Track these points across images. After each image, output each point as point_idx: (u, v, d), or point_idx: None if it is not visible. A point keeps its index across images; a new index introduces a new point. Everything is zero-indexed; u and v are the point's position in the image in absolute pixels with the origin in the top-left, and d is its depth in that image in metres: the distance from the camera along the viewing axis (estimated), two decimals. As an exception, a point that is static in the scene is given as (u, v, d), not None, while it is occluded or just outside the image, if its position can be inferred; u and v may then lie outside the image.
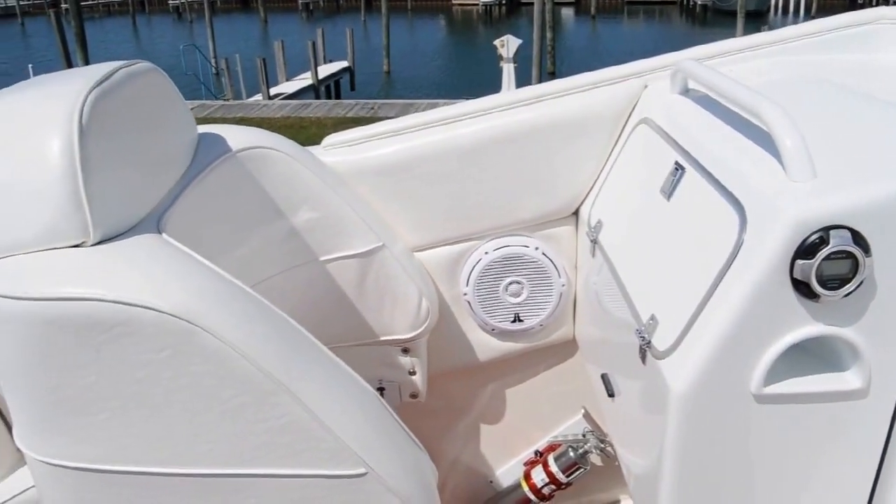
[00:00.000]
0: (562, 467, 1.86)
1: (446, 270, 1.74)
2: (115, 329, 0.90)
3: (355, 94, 21.91)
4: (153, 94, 1.19)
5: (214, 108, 14.95)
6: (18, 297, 0.90)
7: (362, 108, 14.70)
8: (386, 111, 14.24)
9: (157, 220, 1.08)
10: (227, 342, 0.92)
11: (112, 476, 0.99)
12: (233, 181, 1.38)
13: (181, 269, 0.96)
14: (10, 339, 0.93)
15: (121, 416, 0.96)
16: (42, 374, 0.94)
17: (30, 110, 0.98)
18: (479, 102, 1.64)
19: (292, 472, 1.00)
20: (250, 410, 0.96)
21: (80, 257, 0.94)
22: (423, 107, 14.41)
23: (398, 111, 14.13)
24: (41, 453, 1.00)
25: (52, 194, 0.93)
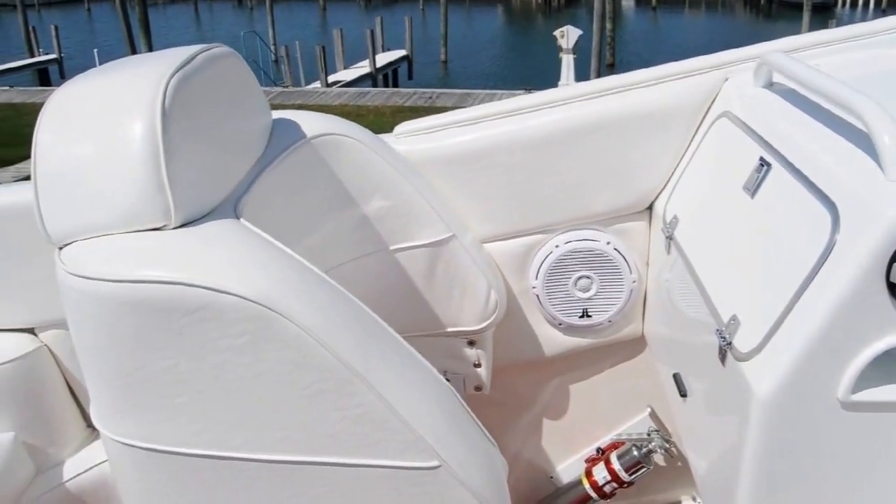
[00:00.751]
0: (625, 466, 1.83)
1: (515, 263, 1.71)
2: (197, 313, 0.90)
3: (412, 83, 21.95)
4: (231, 79, 1.18)
5: (274, 94, 15.11)
6: (100, 278, 0.90)
7: (420, 97, 14.72)
8: (444, 100, 14.23)
9: (234, 205, 1.07)
10: (306, 329, 0.92)
11: (187, 459, 0.99)
12: (307, 168, 1.37)
13: (261, 255, 0.95)
14: (91, 320, 0.94)
15: (198, 400, 0.96)
16: (122, 355, 0.94)
17: (114, 93, 0.99)
18: (553, 93, 1.61)
19: (366, 462, 0.99)
20: (327, 399, 0.95)
21: (162, 241, 0.94)
22: (480, 97, 14.38)
23: (456, 101, 14.11)
24: (117, 433, 1.01)
25: (134, 177, 0.93)
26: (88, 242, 0.95)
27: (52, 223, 0.98)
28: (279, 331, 0.91)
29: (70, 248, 0.96)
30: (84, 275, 0.91)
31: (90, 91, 1.01)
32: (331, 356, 0.93)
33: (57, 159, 0.97)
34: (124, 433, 1.00)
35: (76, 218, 0.96)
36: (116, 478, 1.10)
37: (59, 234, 0.98)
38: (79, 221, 0.96)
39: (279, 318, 0.91)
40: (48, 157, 0.98)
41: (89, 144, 0.96)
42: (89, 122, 0.97)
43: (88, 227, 0.96)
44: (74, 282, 0.92)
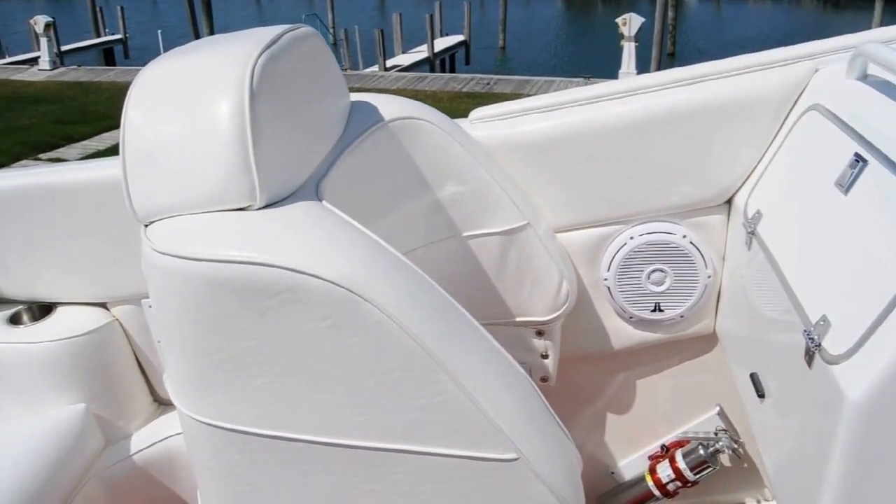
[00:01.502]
0: (690, 464, 1.79)
1: (587, 253, 1.68)
2: (281, 295, 0.90)
3: (470, 69, 21.87)
4: (314, 60, 1.18)
5: (332, 77, 15.14)
6: (185, 256, 0.90)
7: (478, 83, 14.66)
8: (502, 87, 14.16)
9: (315, 187, 1.07)
10: (389, 315, 0.91)
11: (264, 440, 0.99)
12: (384, 151, 1.36)
13: (346, 238, 0.95)
14: (174, 298, 0.94)
15: (278, 382, 0.95)
16: (203, 334, 0.94)
17: (202, 72, 0.98)
18: (633, 81, 1.57)
19: (443, 451, 0.98)
20: (407, 386, 0.94)
21: (247, 221, 0.94)
22: (539, 84, 14.26)
23: (514, 87, 14.03)
24: (195, 411, 1.01)
25: (221, 157, 0.93)
26: (174, 221, 0.96)
27: (139, 200, 0.99)
28: (363, 316, 0.91)
29: (156, 225, 0.97)
30: (170, 253, 0.92)
31: (178, 69, 1.01)
32: (414, 343, 0.92)
33: (145, 137, 0.98)
34: (202, 411, 1.01)
35: (163, 196, 0.97)
36: (191, 454, 1.11)
37: (146, 212, 0.99)
38: (165, 200, 0.97)
39: (363, 303, 0.90)
40: (136, 135, 0.98)
41: (177, 123, 0.96)
42: (177, 101, 0.97)
43: (175, 205, 0.96)
44: (160, 259, 0.93)
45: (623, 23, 13.59)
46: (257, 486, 1.03)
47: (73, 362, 1.79)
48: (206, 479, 1.09)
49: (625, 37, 13.74)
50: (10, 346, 1.77)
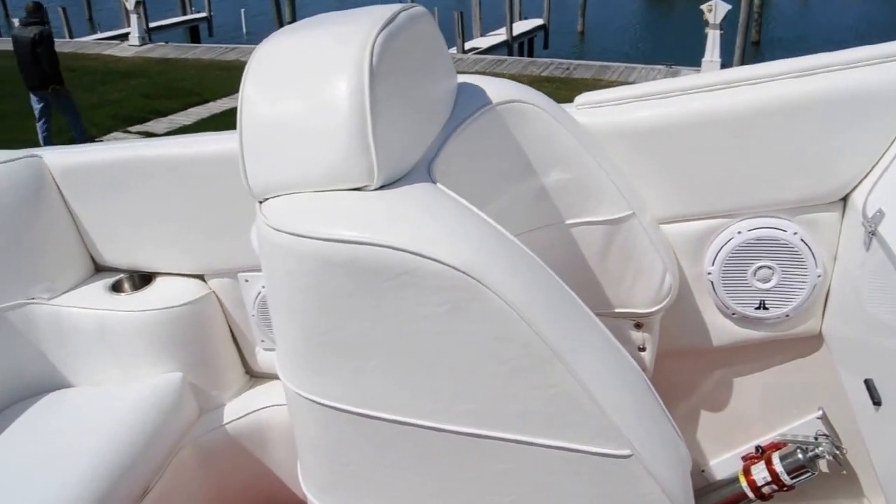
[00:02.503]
0: (787, 468, 1.74)
1: (690, 246, 1.64)
2: (400, 278, 0.89)
3: (548, 53, 21.66)
4: (427, 39, 1.17)
5: (411, 58, 15.18)
6: (302, 234, 0.90)
7: (557, 67, 14.51)
8: (581, 72, 13.99)
9: (427, 169, 1.06)
10: (509, 303, 0.89)
11: (371, 422, 0.99)
12: (491, 134, 1.34)
13: (466, 222, 0.93)
14: (288, 276, 0.94)
15: (389, 365, 0.95)
16: (317, 313, 0.94)
17: (320, 50, 0.98)
18: (749, 70, 1.52)
19: (554, 443, 0.96)
20: (522, 376, 0.92)
21: (365, 201, 0.93)
22: (619, 70, 14.05)
23: (594, 73, 13.85)
24: (303, 389, 1.01)
25: (340, 136, 0.92)
26: (290, 198, 0.96)
27: (255, 177, 0.99)
28: (482, 302, 0.89)
29: (271, 202, 0.97)
30: (286, 230, 0.91)
31: (296, 47, 1.01)
32: (532, 333, 0.90)
33: (262, 114, 0.97)
34: (309, 389, 1.01)
35: (279, 173, 0.96)
36: (295, 428, 1.11)
37: (261, 188, 0.98)
38: (281, 177, 0.96)
39: (483, 290, 0.88)
40: (254, 112, 0.98)
41: (295, 101, 0.96)
42: (295, 79, 0.97)
43: (291, 183, 0.96)
44: (275, 236, 0.93)
45: (708, 9, 13.26)
46: (360, 465, 1.03)
47: (171, 332, 1.83)
48: (308, 453, 1.10)
49: (710, 24, 13.41)
50: (111, 313, 1.81)
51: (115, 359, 1.85)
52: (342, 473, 1.05)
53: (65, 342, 1.85)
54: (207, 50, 16.68)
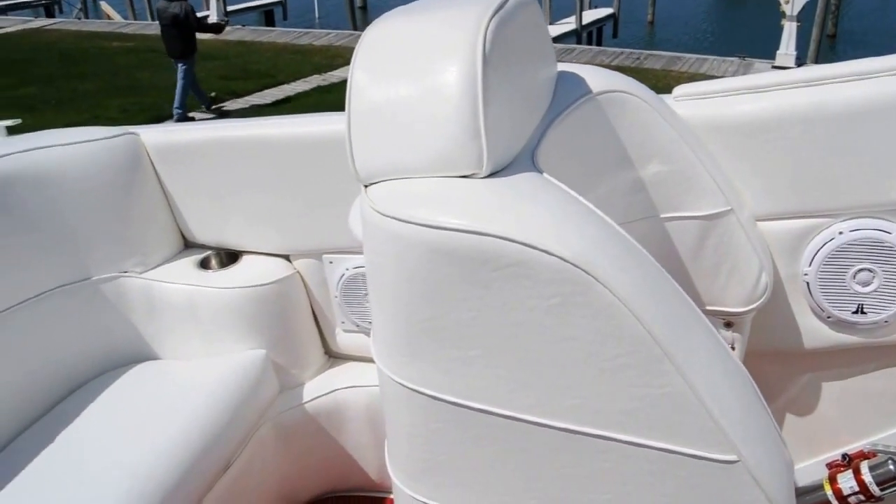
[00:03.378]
0: (877, 479, 1.68)
1: (787, 246, 1.60)
2: (509, 269, 0.87)
3: (617, 42, 21.35)
4: (534, 26, 1.15)
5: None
6: (409, 221, 0.89)
7: (627, 57, 14.31)
8: (651, 62, 13.78)
9: (531, 158, 1.04)
10: (621, 299, 0.86)
11: (468, 412, 0.98)
12: (591, 124, 1.33)
13: (577, 214, 0.91)
14: (392, 261, 0.93)
15: (491, 356, 0.93)
16: (420, 301, 0.93)
17: (431, 34, 0.97)
18: (857, 64, 1.47)
19: (658, 444, 0.93)
20: (630, 374, 0.90)
21: (475, 189, 0.91)
22: (691, 61, 13.80)
23: (664, 64, 13.63)
24: (399, 375, 1.01)
25: (451, 122, 0.91)
26: (397, 183, 0.95)
27: (362, 161, 0.98)
28: (593, 297, 0.87)
29: (378, 187, 0.96)
30: (393, 216, 0.91)
31: (405, 30, 1.00)
32: (642, 330, 0.87)
33: (371, 99, 0.97)
34: (407, 376, 1.00)
35: (387, 158, 0.96)
36: (387, 413, 1.12)
37: (368, 172, 0.98)
38: (389, 162, 0.96)
39: (595, 284, 0.86)
40: (362, 96, 0.98)
41: (405, 86, 0.95)
42: (405, 63, 0.96)
43: (399, 168, 0.95)
44: (381, 221, 0.92)
45: (786, 1, 12.92)
46: (454, 455, 1.03)
47: (256, 309, 1.87)
48: (399, 439, 1.10)
49: (786, 16, 13.07)
50: (199, 289, 1.86)
51: (201, 333, 1.90)
52: (433, 462, 1.05)
53: (154, 315, 1.91)
54: (282, 34, 16.88)
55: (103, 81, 12.56)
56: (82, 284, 1.86)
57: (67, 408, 1.78)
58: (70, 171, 1.79)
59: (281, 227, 1.88)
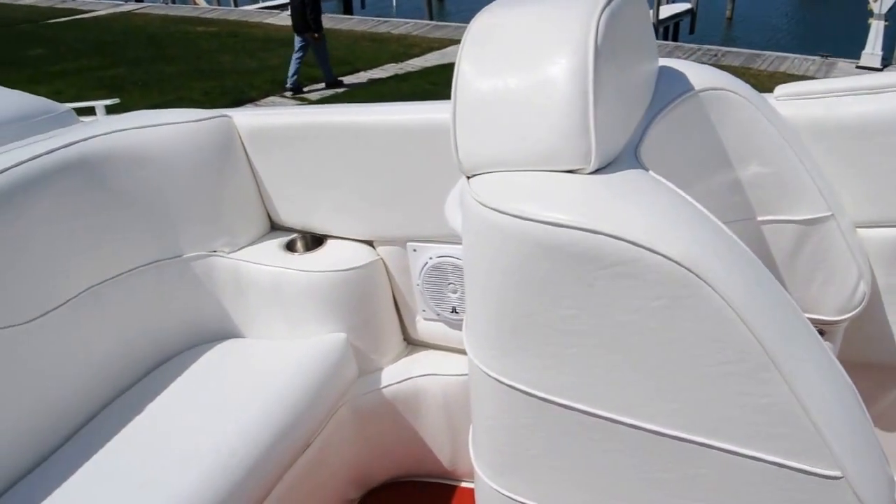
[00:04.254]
0: None
1: (887, 254, 1.53)
2: (615, 267, 0.85)
3: (693, 38, 20.94)
4: (641, 20, 1.14)
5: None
6: (513, 214, 0.89)
7: (704, 53, 14.02)
8: (730, 59, 13.47)
9: (634, 154, 1.02)
10: (730, 303, 0.84)
11: (561, 409, 0.97)
12: (692, 122, 1.30)
13: (687, 214, 0.89)
14: (494, 254, 0.93)
15: (590, 355, 0.92)
16: (519, 295, 0.92)
17: (541, 26, 0.96)
18: None
19: (757, 454, 0.90)
20: (734, 380, 0.87)
21: (582, 185, 0.90)
22: (770, 59, 13.45)
23: (743, 61, 13.32)
24: (491, 367, 1.01)
25: (559, 116, 0.90)
26: (502, 176, 0.95)
27: (466, 152, 0.98)
28: (701, 300, 0.84)
29: (481, 178, 0.96)
30: (496, 208, 0.90)
31: (514, 21, 0.99)
32: (751, 336, 0.84)
33: (478, 90, 0.96)
34: (499, 370, 1.00)
35: (492, 150, 0.95)
36: (475, 403, 1.12)
37: (472, 164, 0.98)
38: (494, 154, 0.95)
39: (704, 287, 0.83)
40: (469, 86, 0.97)
41: (513, 77, 0.94)
42: (514, 54, 0.95)
43: (503, 160, 0.95)
44: (483, 213, 0.92)
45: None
46: (540, 451, 1.02)
47: (339, 293, 1.90)
48: (485, 431, 1.10)
49: (874, 14, 12.65)
50: (285, 271, 1.90)
51: (284, 315, 1.94)
52: (520, 457, 1.04)
53: (240, 295, 1.96)
54: (360, 22, 17.05)
55: (187, 65, 12.90)
56: (174, 261, 1.92)
57: (156, 379, 1.85)
58: (167, 151, 1.85)
59: (366, 214, 1.91)
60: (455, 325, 1.93)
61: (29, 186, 1.64)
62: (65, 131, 1.86)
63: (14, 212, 1.60)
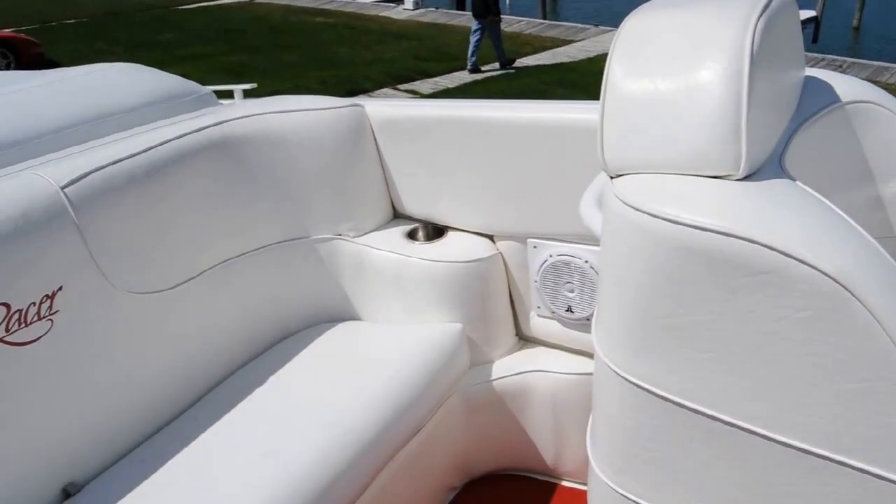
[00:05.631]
0: None
1: None
2: (761, 276, 0.84)
3: (817, 48, 20.18)
4: (793, 26, 1.12)
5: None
6: (659, 216, 0.89)
7: (828, 64, 13.49)
8: (855, 71, 12.92)
9: (779, 163, 1.01)
10: (878, 319, 0.81)
11: (690, 414, 0.96)
12: (836, 134, 1.28)
13: (835, 226, 0.87)
14: (635, 255, 0.93)
15: (726, 362, 0.91)
16: (658, 296, 0.92)
17: (696, 29, 0.95)
18: None
19: (893, 476, 0.87)
20: (877, 399, 0.84)
21: (731, 191, 0.89)
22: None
23: (870, 74, 12.76)
24: (623, 368, 1.01)
25: (711, 121, 0.90)
26: (648, 178, 0.94)
27: (612, 153, 0.98)
28: (848, 314, 0.82)
29: (626, 179, 0.96)
30: (642, 209, 0.90)
31: (668, 24, 0.99)
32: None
33: (627, 91, 0.97)
34: (630, 370, 1.00)
35: (638, 152, 0.96)
36: (598, 403, 1.12)
37: (618, 164, 0.98)
38: (641, 155, 0.95)
39: (853, 302, 0.81)
40: (619, 87, 0.98)
41: (665, 80, 0.94)
42: (667, 57, 0.95)
43: (650, 163, 0.95)
44: (628, 213, 0.92)
45: None
46: (664, 454, 1.02)
47: (457, 285, 1.94)
48: (608, 430, 1.10)
49: None
50: (406, 259, 1.95)
51: (402, 301, 1.99)
52: (641, 458, 1.04)
53: (361, 278, 2.02)
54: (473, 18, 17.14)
55: (305, 54, 13.26)
56: (301, 242, 1.99)
57: (277, 354, 1.93)
58: (302, 137, 1.92)
59: (488, 208, 1.94)
60: (569, 325, 1.94)
61: (175, 163, 1.74)
62: (208, 112, 1.96)
63: (163, 186, 1.71)
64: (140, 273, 1.66)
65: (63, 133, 1.72)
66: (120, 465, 1.58)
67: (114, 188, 1.61)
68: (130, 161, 1.66)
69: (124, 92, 1.92)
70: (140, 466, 1.56)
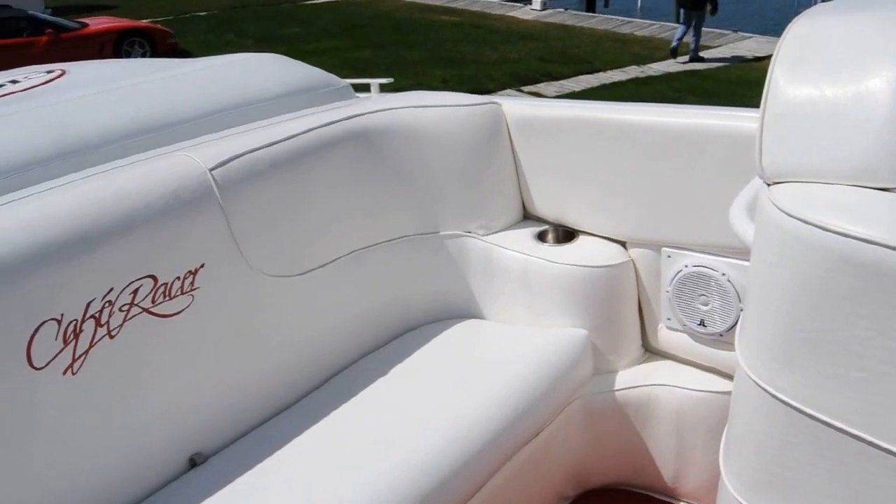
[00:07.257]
0: None
1: None
2: None
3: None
4: None
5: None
6: (820, 226, 0.86)
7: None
8: None
9: None
10: None
11: (834, 433, 0.92)
12: None
13: None
14: (791, 264, 0.90)
15: (882, 382, 0.87)
16: (811, 310, 0.89)
17: (867, 36, 0.93)
18: None
19: None
20: None
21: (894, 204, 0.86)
22: None
23: None
24: (766, 381, 0.98)
25: (880, 131, 0.87)
26: (808, 186, 0.92)
27: (771, 159, 0.96)
28: None
29: (784, 187, 0.94)
30: (802, 218, 0.88)
31: (836, 29, 0.96)
32: None
33: (792, 97, 0.94)
34: (774, 384, 0.97)
35: (800, 160, 0.93)
36: (735, 416, 1.09)
37: (776, 171, 0.96)
38: (802, 164, 0.93)
39: None
40: (782, 93, 0.95)
41: (831, 88, 0.91)
42: (833, 64, 0.92)
43: (812, 171, 0.92)
44: (784, 222, 0.90)
45: None
46: (806, 475, 0.98)
47: (586, 290, 1.90)
48: (744, 446, 1.07)
49: None
50: (534, 261, 1.93)
51: (528, 302, 1.97)
52: (780, 476, 1.01)
53: (488, 277, 2.01)
54: (604, 20, 16.86)
55: (428, 52, 13.39)
56: (431, 237, 2.00)
57: (400, 346, 1.94)
58: (438, 132, 1.93)
59: (622, 213, 1.89)
60: (700, 339, 1.87)
61: (315, 152, 1.78)
62: (346, 104, 1.99)
63: (302, 173, 1.75)
64: (276, 256, 1.70)
65: (211, 118, 1.79)
66: (245, 440, 1.63)
67: (257, 173, 1.65)
68: (273, 148, 1.71)
69: (268, 81, 1.98)
70: (263, 443, 1.60)
